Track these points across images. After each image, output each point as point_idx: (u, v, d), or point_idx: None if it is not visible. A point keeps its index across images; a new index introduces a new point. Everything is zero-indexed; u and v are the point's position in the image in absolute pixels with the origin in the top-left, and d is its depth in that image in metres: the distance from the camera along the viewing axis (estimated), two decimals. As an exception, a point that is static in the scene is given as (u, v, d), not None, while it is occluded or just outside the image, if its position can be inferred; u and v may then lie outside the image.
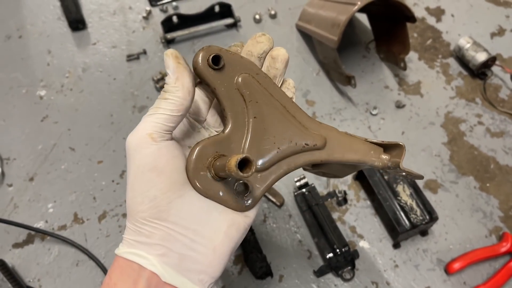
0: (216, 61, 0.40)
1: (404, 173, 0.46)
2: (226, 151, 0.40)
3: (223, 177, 0.39)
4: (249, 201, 0.42)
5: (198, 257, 0.39)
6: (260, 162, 0.42)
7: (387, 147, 0.47)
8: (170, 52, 0.39)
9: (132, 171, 0.38)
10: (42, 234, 0.80)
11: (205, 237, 0.39)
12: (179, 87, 0.38)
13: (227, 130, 0.41)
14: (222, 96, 0.41)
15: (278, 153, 0.42)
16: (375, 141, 0.47)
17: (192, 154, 0.39)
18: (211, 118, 0.45)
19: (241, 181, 0.41)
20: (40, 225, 0.82)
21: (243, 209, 0.41)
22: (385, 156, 0.45)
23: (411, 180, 0.67)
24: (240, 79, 0.41)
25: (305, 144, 0.43)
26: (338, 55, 0.91)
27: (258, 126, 0.41)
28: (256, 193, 0.42)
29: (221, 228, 0.40)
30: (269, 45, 0.45)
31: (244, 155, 0.34)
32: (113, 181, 0.87)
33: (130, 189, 0.38)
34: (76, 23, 1.06)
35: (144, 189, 0.37)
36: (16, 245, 0.80)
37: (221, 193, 0.40)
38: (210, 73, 0.40)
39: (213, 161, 0.39)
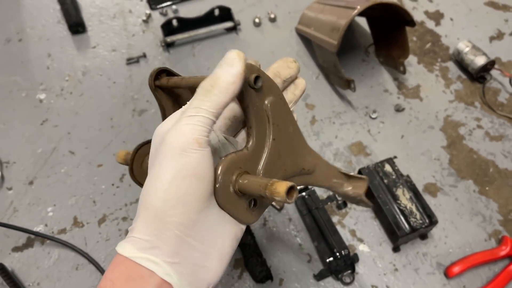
0: (256, 81, 0.41)
1: (359, 202, 0.62)
2: (248, 167, 0.41)
3: (245, 193, 0.40)
4: (255, 214, 0.43)
5: (208, 268, 0.38)
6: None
7: (353, 178, 0.58)
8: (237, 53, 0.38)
9: (170, 173, 0.35)
10: (42, 238, 0.80)
11: (216, 249, 0.39)
12: (234, 78, 0.37)
13: (250, 148, 0.41)
14: (253, 114, 0.42)
15: (283, 174, 0.44)
16: (345, 172, 0.56)
17: (223, 167, 0.39)
18: (221, 121, 0.44)
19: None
20: (39, 228, 0.82)
21: (249, 221, 0.42)
22: (348, 188, 0.57)
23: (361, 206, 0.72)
24: (269, 101, 0.42)
25: (302, 168, 0.47)
26: (338, 59, 0.91)
27: (275, 148, 0.43)
28: (262, 207, 0.43)
29: (228, 240, 0.40)
30: (297, 72, 0.46)
31: (291, 184, 0.35)
32: (113, 184, 0.87)
33: (165, 190, 0.35)
34: (76, 26, 1.07)
35: (181, 194, 0.35)
36: (16, 249, 0.80)
37: (237, 207, 0.40)
38: (248, 91, 0.41)
39: (238, 177, 0.39)
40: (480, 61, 0.98)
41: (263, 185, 0.36)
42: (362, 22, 1.11)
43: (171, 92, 0.51)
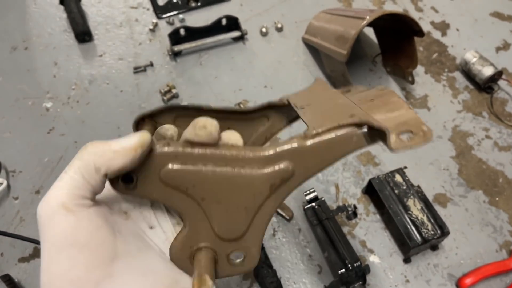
0: (127, 179, 0.36)
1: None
2: (199, 239, 0.38)
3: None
4: (245, 263, 0.40)
5: None
6: (235, 231, 0.38)
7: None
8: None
9: (46, 250, 0.31)
10: (49, 248, 0.79)
11: None
12: (123, 144, 0.33)
13: (185, 227, 0.38)
14: (158, 200, 0.37)
15: (247, 213, 0.38)
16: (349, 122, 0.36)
17: (172, 256, 0.38)
18: None
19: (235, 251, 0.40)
20: (46, 238, 0.81)
21: (240, 272, 0.41)
22: (360, 131, 0.36)
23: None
24: (161, 173, 0.36)
25: (271, 185, 0.37)
26: (346, 69, 0.91)
27: (212, 202, 0.37)
28: (252, 252, 0.40)
29: None
30: (209, 140, 0.35)
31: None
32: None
33: (46, 271, 0.30)
34: (83, 35, 1.06)
35: (63, 270, 0.30)
36: (22, 259, 0.79)
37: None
38: (128, 191, 0.36)
39: (194, 255, 0.38)
40: (487, 71, 0.98)
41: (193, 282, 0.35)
42: (369, 31, 1.11)
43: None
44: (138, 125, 0.43)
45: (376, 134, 0.35)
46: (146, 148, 0.34)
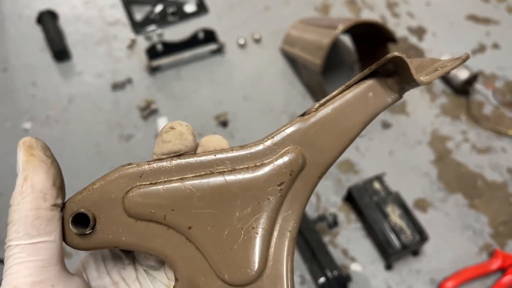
0: (81, 220, 0.27)
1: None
2: (202, 285, 0.28)
3: None
4: None
5: None
6: (247, 266, 0.27)
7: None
8: (22, 141, 0.29)
9: None
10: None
11: None
12: (27, 192, 0.26)
13: (178, 280, 0.28)
14: (129, 245, 0.28)
15: (257, 234, 0.27)
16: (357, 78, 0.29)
17: None
18: None
19: None
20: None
21: None
22: (371, 81, 0.29)
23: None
24: (126, 204, 0.27)
25: (279, 186, 0.27)
26: (322, 79, 0.92)
27: (203, 229, 0.27)
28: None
29: None
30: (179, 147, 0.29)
31: None
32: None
33: None
34: (61, 54, 1.06)
35: None
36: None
37: None
38: (86, 243, 0.28)
39: None
40: (463, 75, 0.99)
41: None
42: (347, 40, 1.12)
43: None
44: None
45: (394, 80, 0.28)
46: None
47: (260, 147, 0.28)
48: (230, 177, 0.27)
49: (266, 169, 0.27)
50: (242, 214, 0.27)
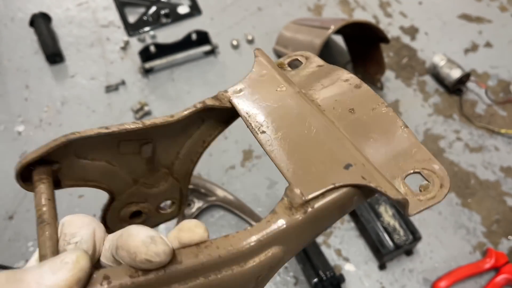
0: None
1: None
2: None
3: None
4: None
5: None
6: None
7: None
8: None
9: None
10: (23, 274, 0.79)
11: None
12: None
13: None
14: None
15: None
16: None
17: None
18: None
19: None
20: (20, 264, 0.80)
21: None
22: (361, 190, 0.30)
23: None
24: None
25: (256, 278, 0.28)
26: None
27: None
28: None
29: None
30: (201, 239, 0.27)
31: None
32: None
33: None
34: (54, 56, 1.06)
35: None
36: (-3, 287, 0.78)
37: None
38: None
39: None
40: (455, 74, 0.99)
41: None
42: (340, 40, 1.12)
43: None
44: (24, 176, 0.32)
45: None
46: (84, 280, 0.24)
47: (247, 246, 0.27)
48: (217, 277, 0.27)
49: (251, 265, 0.27)
50: None
